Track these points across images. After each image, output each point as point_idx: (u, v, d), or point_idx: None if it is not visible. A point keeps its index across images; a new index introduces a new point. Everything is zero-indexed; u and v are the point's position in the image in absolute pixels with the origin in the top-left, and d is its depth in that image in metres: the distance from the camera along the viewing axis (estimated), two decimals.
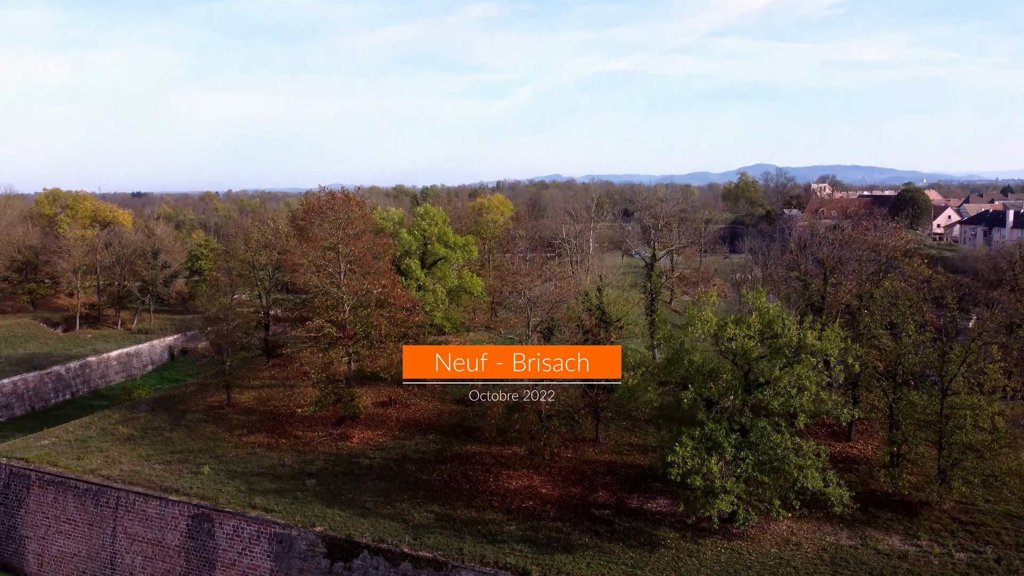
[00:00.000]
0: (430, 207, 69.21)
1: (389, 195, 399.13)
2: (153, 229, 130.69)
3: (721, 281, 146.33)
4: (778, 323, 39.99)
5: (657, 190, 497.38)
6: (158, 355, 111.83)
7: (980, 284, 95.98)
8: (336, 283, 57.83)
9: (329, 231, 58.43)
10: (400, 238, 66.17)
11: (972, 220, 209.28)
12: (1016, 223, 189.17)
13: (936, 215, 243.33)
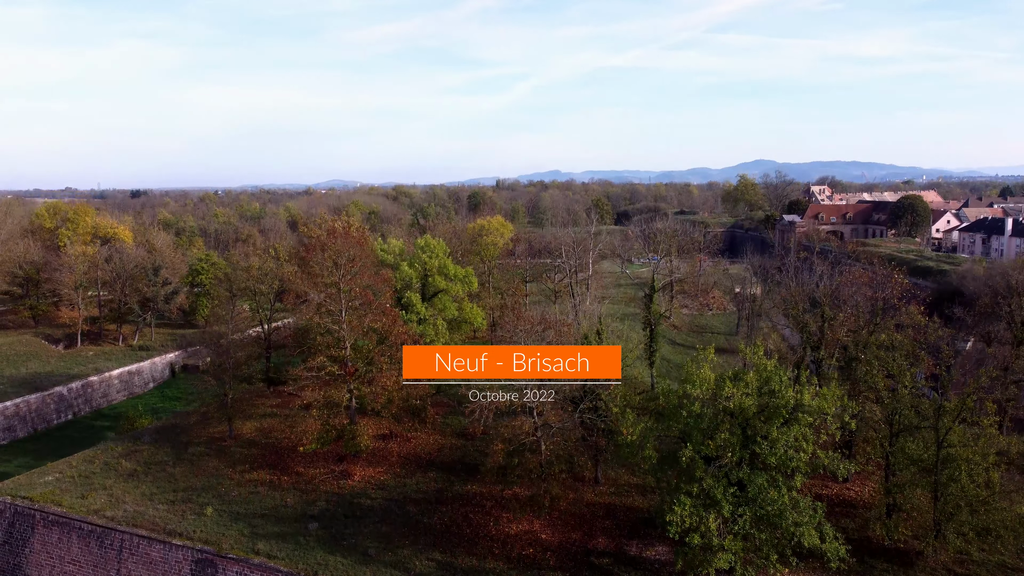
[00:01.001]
0: (431, 239, 69.53)
1: (388, 196, 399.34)
2: (154, 243, 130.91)
3: (720, 294, 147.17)
4: (775, 380, 40.39)
5: (658, 189, 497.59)
6: (159, 372, 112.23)
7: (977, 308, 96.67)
8: (337, 321, 58.21)
9: (330, 268, 58.74)
10: (401, 271, 66.60)
11: (971, 227, 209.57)
12: (1014, 231, 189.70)
13: (935, 219, 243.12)
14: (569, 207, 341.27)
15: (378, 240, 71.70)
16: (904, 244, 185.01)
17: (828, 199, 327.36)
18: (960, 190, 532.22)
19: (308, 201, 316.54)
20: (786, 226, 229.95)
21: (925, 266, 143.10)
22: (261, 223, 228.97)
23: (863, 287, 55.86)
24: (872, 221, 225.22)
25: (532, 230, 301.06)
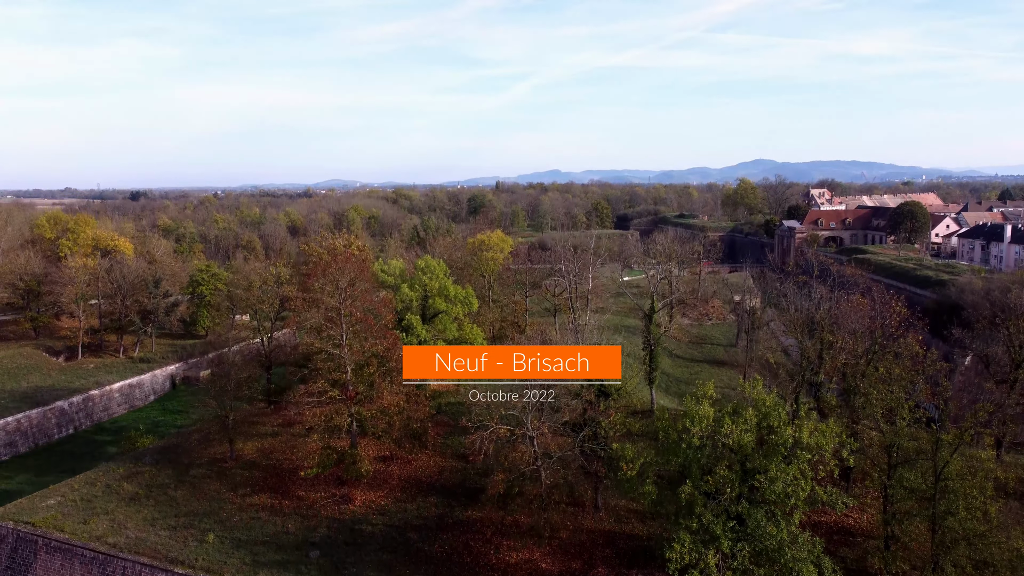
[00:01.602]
0: (431, 260, 69.75)
1: (388, 199, 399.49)
2: (154, 254, 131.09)
3: (720, 303, 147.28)
4: (774, 416, 40.66)
5: (657, 191, 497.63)
6: (160, 384, 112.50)
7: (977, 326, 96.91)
8: (338, 345, 58.47)
9: (331, 292, 58.97)
10: (401, 293, 66.88)
11: (970, 233, 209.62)
12: (1014, 238, 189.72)
13: (934, 224, 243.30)
14: (568, 210, 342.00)
15: (379, 261, 71.90)
16: (903, 251, 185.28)
17: (828, 203, 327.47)
18: (960, 192, 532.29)
19: (308, 205, 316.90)
20: (786, 232, 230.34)
21: (924, 275, 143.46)
22: (261, 229, 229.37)
23: (862, 315, 56.03)
24: (871, 227, 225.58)
25: (532, 233, 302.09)
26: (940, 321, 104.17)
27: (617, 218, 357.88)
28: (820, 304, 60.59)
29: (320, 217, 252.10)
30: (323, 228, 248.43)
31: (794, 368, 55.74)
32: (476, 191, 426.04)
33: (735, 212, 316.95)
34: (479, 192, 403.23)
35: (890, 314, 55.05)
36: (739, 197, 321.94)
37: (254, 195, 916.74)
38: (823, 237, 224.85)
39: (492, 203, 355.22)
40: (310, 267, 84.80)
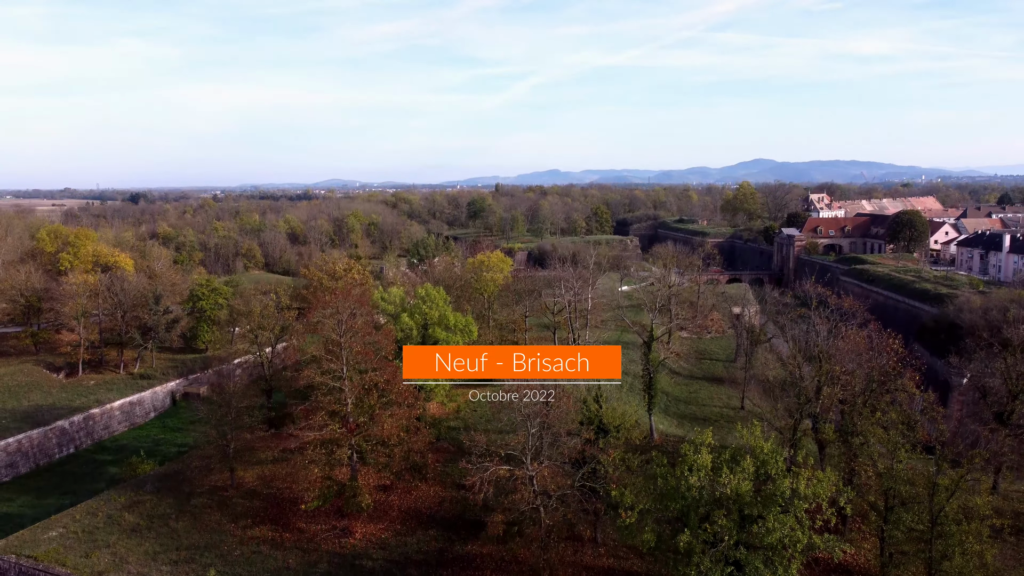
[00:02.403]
0: (431, 289, 70.02)
1: (388, 202, 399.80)
2: (154, 269, 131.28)
3: (719, 315, 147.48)
4: (772, 464, 40.96)
5: (657, 194, 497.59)
6: (160, 401, 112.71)
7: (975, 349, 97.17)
8: (339, 378, 58.75)
9: (332, 326, 59.25)
10: (401, 322, 67.16)
11: (969, 242, 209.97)
12: (1012, 248, 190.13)
13: (933, 230, 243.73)
14: (568, 215, 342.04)
15: (378, 289, 72.10)
16: (902, 261, 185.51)
17: (827, 208, 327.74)
18: (959, 194, 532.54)
19: (308, 209, 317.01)
20: (785, 239, 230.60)
21: (922, 288, 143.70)
22: (261, 236, 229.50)
23: (861, 350, 56.31)
24: (870, 235, 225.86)
25: (532, 238, 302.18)
26: (939, 340, 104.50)
27: (616, 223, 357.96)
28: (819, 337, 60.79)
29: (320, 224, 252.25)
30: (323, 235, 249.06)
31: (792, 402, 56.03)
32: (475, 195, 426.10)
33: (734, 218, 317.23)
34: (478, 196, 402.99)
35: (888, 352, 55.24)
36: (738, 202, 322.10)
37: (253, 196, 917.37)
38: (822, 245, 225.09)
39: (492, 208, 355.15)
40: (311, 290, 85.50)
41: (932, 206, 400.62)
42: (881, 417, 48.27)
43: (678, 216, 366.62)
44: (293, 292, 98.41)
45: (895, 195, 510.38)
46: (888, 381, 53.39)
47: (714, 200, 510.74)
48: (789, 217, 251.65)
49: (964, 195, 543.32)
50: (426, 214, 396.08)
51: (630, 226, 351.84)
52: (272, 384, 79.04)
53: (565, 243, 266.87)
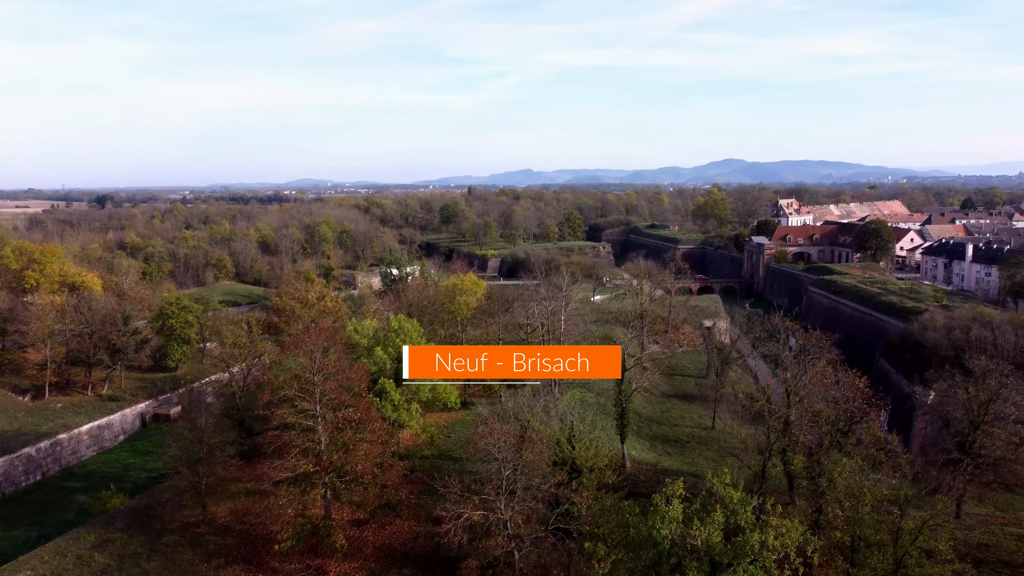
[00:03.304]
0: (404, 321, 70.02)
1: (360, 207, 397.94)
2: (123, 287, 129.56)
3: (690, 329, 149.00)
4: (741, 515, 41.73)
5: (629, 197, 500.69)
6: (129, 424, 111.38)
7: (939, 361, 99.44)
8: (312, 417, 58.64)
9: (305, 366, 59.08)
10: (375, 356, 67.09)
11: (934, 251, 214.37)
12: (975, 257, 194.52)
13: (899, 237, 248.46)
14: (541, 220, 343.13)
15: (351, 321, 71.89)
16: (869, 272, 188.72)
17: (796, 212, 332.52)
18: (924, 197, 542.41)
19: (279, 216, 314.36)
20: (755, 248, 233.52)
21: (888, 302, 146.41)
22: (231, 246, 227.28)
23: (827, 387, 57.41)
24: (838, 243, 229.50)
25: (505, 245, 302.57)
26: (904, 358, 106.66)
27: (589, 228, 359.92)
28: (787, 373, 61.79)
29: (291, 232, 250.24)
30: (295, 243, 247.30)
31: (761, 440, 57.02)
32: (448, 199, 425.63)
33: (705, 223, 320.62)
34: (451, 201, 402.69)
35: (854, 391, 56.39)
36: (709, 208, 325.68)
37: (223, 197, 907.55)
38: (791, 253, 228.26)
39: (464, 213, 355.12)
40: (283, 318, 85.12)
41: (898, 210, 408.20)
42: (847, 463, 49.27)
43: (650, 221, 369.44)
44: (265, 321, 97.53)
45: (862, 198, 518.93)
46: (854, 422, 54.53)
47: (685, 203, 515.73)
48: (759, 225, 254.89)
49: (929, 197, 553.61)
50: (399, 218, 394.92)
51: (602, 231, 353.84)
52: (244, 415, 78.47)
53: (538, 251, 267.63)
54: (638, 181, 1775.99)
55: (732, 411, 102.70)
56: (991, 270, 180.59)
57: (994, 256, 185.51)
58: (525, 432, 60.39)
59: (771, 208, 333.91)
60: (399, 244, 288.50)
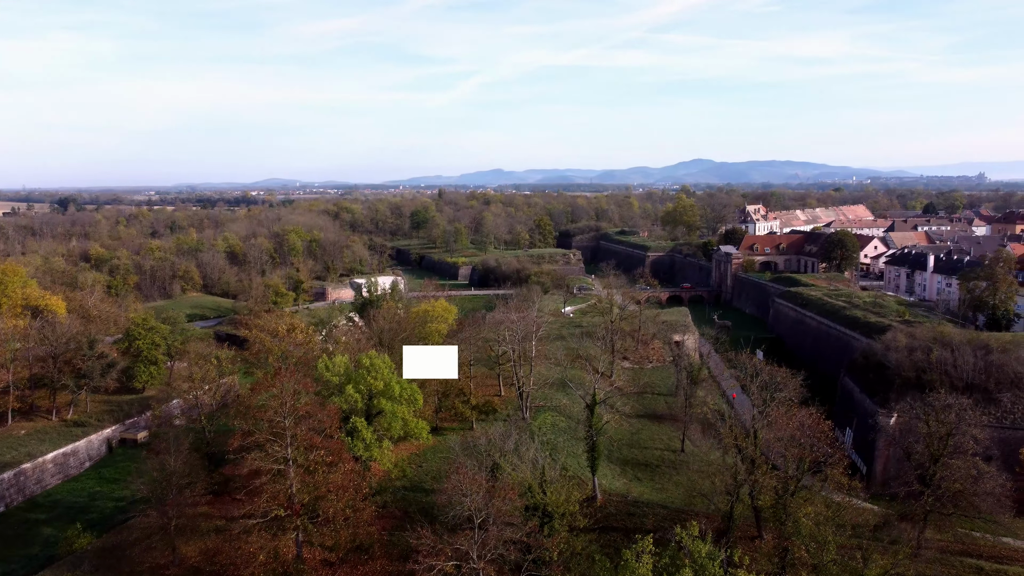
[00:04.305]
0: (375, 358, 69.90)
1: (329, 212, 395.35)
2: (88, 308, 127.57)
3: (660, 344, 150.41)
4: (709, 570, 42.55)
5: (599, 201, 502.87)
6: (95, 450, 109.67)
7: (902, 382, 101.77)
8: (283, 460, 58.50)
9: (276, 409, 58.89)
10: (346, 394, 67.00)
11: (897, 260, 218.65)
12: (936, 268, 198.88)
13: (863, 244, 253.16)
14: (511, 226, 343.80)
15: (322, 358, 71.67)
16: (834, 283, 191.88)
17: (763, 218, 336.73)
18: (887, 200, 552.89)
19: (247, 224, 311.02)
20: (723, 257, 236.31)
21: (853, 316, 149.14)
22: (199, 257, 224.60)
23: (792, 427, 58.59)
24: (804, 252, 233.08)
25: (476, 252, 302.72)
26: (868, 378, 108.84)
27: (559, 233, 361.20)
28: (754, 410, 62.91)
29: (260, 242, 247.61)
30: (263, 253, 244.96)
31: (729, 483, 58.03)
32: (418, 204, 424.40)
33: (674, 230, 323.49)
34: (421, 207, 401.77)
35: (819, 436, 57.59)
36: (678, 215, 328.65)
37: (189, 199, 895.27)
38: (758, 263, 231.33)
39: (435, 220, 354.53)
40: (253, 351, 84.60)
41: (863, 215, 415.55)
42: (811, 512, 50.35)
43: (620, 227, 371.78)
44: (235, 355, 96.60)
45: (828, 202, 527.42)
46: (817, 469, 55.76)
47: (654, 206, 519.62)
48: (727, 233, 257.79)
49: (893, 201, 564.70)
50: (369, 224, 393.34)
51: (573, 238, 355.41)
52: (213, 448, 77.86)
53: (509, 259, 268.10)
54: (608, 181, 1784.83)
55: (701, 429, 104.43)
56: (951, 281, 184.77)
57: (954, 267, 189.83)
58: (496, 473, 60.90)
59: (738, 214, 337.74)
60: (369, 253, 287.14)
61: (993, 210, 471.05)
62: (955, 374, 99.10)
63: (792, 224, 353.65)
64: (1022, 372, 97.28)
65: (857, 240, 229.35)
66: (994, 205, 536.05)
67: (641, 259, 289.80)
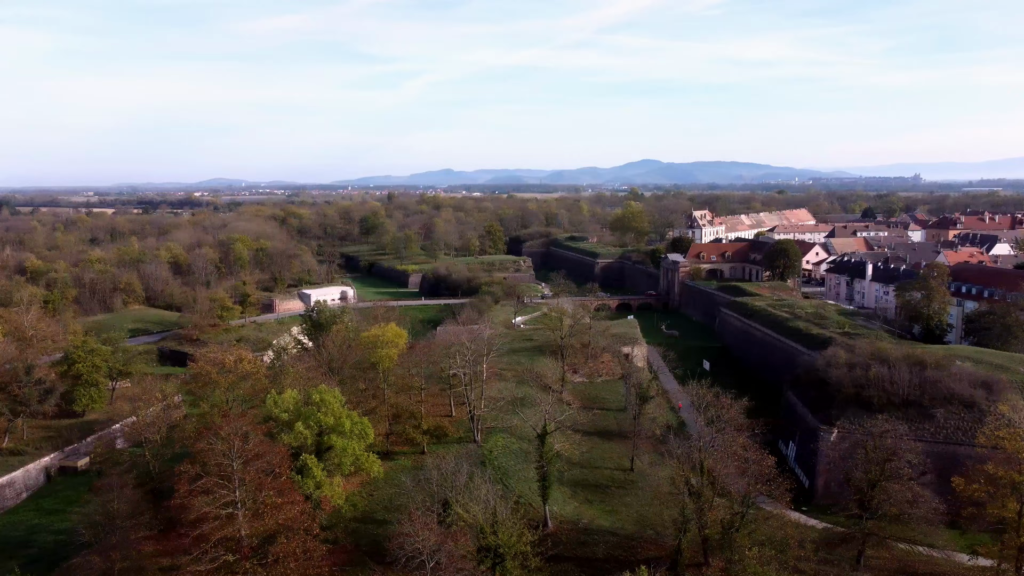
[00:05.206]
0: (326, 393, 69.26)
1: (277, 218, 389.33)
2: (24, 329, 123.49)
3: (610, 357, 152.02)
4: None
5: (548, 206, 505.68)
6: (33, 479, 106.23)
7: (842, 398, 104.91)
8: (231, 503, 57.70)
9: (223, 453, 58.04)
10: (295, 432, 66.28)
11: (837, 268, 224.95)
12: (874, 276, 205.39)
13: (805, 251, 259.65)
14: (462, 233, 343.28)
15: (272, 393, 70.67)
16: (778, 292, 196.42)
17: (709, 224, 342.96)
18: (829, 204, 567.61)
19: (191, 232, 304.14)
20: (670, 265, 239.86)
21: (796, 327, 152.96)
22: (141, 269, 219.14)
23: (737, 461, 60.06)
24: (749, 260, 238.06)
25: (427, 259, 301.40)
26: (810, 394, 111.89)
27: (510, 240, 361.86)
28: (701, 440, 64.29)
29: (205, 252, 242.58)
30: (209, 263, 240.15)
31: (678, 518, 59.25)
32: (368, 210, 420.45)
33: (624, 236, 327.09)
34: (371, 212, 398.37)
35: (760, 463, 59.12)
36: (626, 220, 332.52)
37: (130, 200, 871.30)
38: (705, 271, 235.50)
39: (385, 226, 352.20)
40: (199, 384, 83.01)
41: (805, 219, 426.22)
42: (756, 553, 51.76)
43: (570, 232, 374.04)
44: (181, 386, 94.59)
45: (772, 204, 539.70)
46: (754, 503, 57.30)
47: (604, 209, 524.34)
48: (674, 242, 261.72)
49: (834, 204, 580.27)
50: (317, 229, 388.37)
51: (523, 244, 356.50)
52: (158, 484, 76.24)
53: (460, 267, 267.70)
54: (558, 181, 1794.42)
55: (650, 445, 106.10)
56: (889, 289, 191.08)
57: (892, 276, 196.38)
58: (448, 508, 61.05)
59: (686, 219, 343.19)
60: (318, 261, 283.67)
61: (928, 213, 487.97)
62: (892, 390, 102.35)
63: (738, 229, 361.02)
64: (954, 388, 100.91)
65: (799, 248, 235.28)
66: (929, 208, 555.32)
67: (591, 266, 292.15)
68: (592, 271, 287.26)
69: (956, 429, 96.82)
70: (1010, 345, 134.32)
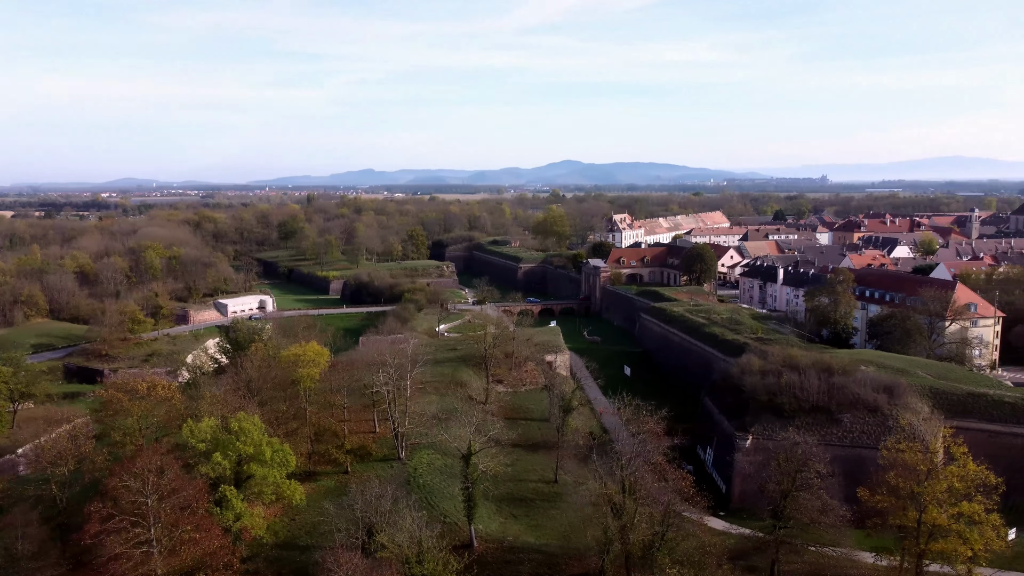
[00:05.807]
0: (245, 421, 67.48)
1: (191, 222, 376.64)
2: None
3: (534, 366, 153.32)
4: None
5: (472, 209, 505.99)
6: None
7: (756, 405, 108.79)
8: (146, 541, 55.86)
9: (137, 491, 56.09)
10: (214, 462, 64.43)
11: (750, 272, 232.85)
12: (785, 280, 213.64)
13: (720, 255, 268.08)
14: (384, 237, 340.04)
15: (188, 422, 68.34)
16: (695, 297, 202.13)
17: (629, 227, 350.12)
18: (743, 206, 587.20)
19: (99, 239, 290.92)
20: (592, 270, 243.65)
21: (712, 333, 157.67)
22: (45, 279, 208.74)
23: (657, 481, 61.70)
24: (668, 265, 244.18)
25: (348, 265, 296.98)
26: (726, 401, 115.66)
27: (432, 244, 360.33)
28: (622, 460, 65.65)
29: (114, 261, 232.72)
30: (118, 273, 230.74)
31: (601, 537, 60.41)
32: (287, 215, 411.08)
33: (546, 240, 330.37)
34: (290, 217, 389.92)
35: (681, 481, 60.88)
36: (548, 225, 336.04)
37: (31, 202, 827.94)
38: (625, 275, 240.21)
39: (305, 231, 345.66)
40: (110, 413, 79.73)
41: (720, 221, 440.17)
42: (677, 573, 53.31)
43: (493, 236, 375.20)
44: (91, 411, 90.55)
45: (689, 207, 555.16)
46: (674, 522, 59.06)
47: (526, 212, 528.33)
48: (595, 247, 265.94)
49: (747, 206, 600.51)
50: (234, 234, 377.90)
51: (446, 248, 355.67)
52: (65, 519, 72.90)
53: (382, 273, 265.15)
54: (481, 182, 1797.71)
55: (574, 455, 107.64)
56: (799, 293, 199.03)
57: (801, 280, 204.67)
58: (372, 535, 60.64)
59: (606, 223, 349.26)
60: (235, 268, 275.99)
61: (835, 215, 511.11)
62: (803, 396, 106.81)
63: (656, 232, 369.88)
64: (859, 393, 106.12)
65: (715, 253, 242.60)
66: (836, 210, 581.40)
67: (514, 271, 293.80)
68: (515, 276, 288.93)
69: (861, 433, 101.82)
70: (910, 348, 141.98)
